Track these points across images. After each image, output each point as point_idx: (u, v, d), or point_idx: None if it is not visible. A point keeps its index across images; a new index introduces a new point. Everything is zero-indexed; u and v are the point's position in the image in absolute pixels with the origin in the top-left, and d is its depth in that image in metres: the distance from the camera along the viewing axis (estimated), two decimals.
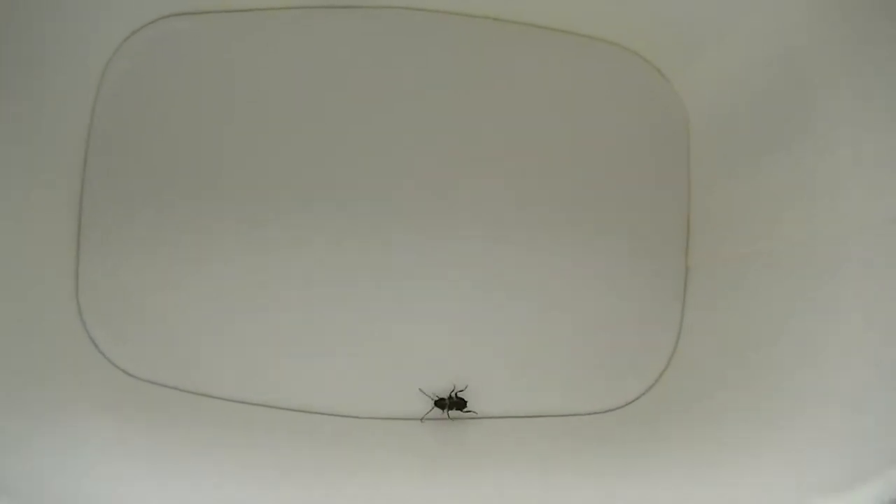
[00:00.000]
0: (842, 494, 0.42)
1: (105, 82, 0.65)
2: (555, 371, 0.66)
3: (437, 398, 0.64)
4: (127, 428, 0.57)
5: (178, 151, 0.65)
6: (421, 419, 0.64)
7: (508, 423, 0.65)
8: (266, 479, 0.55)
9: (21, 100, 0.58)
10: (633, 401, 0.66)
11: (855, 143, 0.54)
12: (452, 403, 0.63)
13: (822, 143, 0.56)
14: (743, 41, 0.62)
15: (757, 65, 0.61)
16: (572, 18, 0.67)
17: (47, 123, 0.61)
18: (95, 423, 0.56)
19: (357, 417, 0.64)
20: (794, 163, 0.58)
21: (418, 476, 0.58)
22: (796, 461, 0.48)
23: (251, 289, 0.65)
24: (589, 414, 0.65)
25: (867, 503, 0.42)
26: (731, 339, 0.61)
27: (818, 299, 0.54)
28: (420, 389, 0.64)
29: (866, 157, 0.53)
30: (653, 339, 0.66)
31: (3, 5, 0.54)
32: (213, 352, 0.64)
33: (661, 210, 0.68)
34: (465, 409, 0.64)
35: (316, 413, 0.64)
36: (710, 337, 0.64)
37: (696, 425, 0.58)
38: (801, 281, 0.56)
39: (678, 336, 0.66)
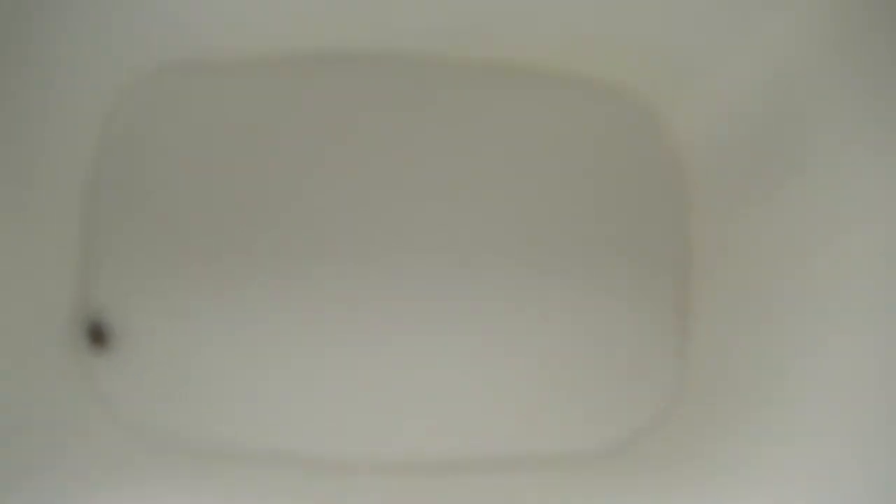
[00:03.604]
0: None
1: (104, 139, 0.65)
2: (550, 413, 0.65)
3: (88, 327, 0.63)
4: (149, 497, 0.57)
5: (183, 206, 0.65)
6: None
7: (505, 467, 0.65)
8: None
9: (17, 158, 0.58)
10: (629, 445, 0.65)
11: (856, 175, 0.54)
12: (94, 331, 0.63)
13: (823, 176, 0.56)
14: (737, 74, 0.62)
15: (752, 98, 0.61)
16: (564, 58, 0.67)
17: (44, 185, 0.61)
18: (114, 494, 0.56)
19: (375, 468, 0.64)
20: (795, 198, 0.58)
21: None
22: None
23: (271, 344, 0.65)
24: (584, 458, 0.65)
25: None
26: (734, 383, 0.61)
27: (820, 339, 0.54)
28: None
29: (869, 188, 0.53)
30: (652, 385, 0.66)
31: None
32: (237, 412, 0.64)
33: (660, 250, 0.67)
34: (98, 341, 0.63)
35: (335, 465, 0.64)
36: (713, 382, 0.63)
37: (696, 470, 0.58)
38: (804, 320, 0.56)
39: (680, 381, 0.66)
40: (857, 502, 0.48)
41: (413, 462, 0.64)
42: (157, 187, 0.65)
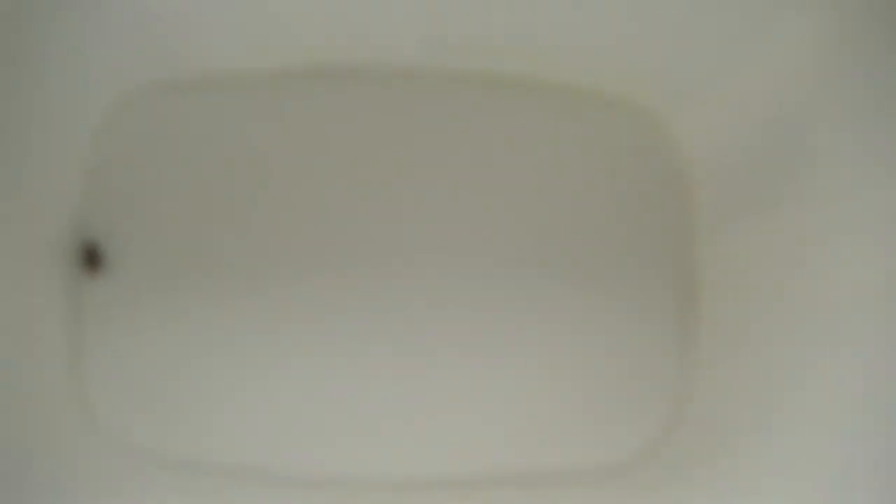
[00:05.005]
0: None
1: (94, 159, 0.65)
2: (552, 429, 0.64)
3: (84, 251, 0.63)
4: None
5: (175, 219, 0.65)
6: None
7: (506, 484, 0.64)
8: None
9: (9, 165, 0.59)
10: (634, 461, 0.65)
11: (861, 183, 0.54)
12: (89, 255, 0.63)
13: (828, 185, 0.56)
14: (741, 86, 0.62)
15: (757, 109, 0.61)
16: (567, 70, 0.67)
17: (34, 207, 0.61)
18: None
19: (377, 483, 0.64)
20: (800, 206, 0.58)
21: None
22: None
23: (263, 356, 0.64)
24: (587, 475, 0.64)
25: None
26: (740, 394, 0.60)
27: (827, 347, 0.54)
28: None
29: (874, 196, 0.53)
30: (653, 403, 0.65)
31: None
32: (224, 425, 0.64)
33: (665, 261, 0.67)
34: (92, 264, 0.63)
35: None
36: (715, 402, 0.63)
37: (702, 485, 0.58)
38: (809, 329, 0.56)
39: (681, 400, 0.66)
40: None
41: (410, 479, 0.64)
42: (149, 201, 0.66)
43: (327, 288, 0.65)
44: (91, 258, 0.63)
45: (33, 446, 0.57)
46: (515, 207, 0.67)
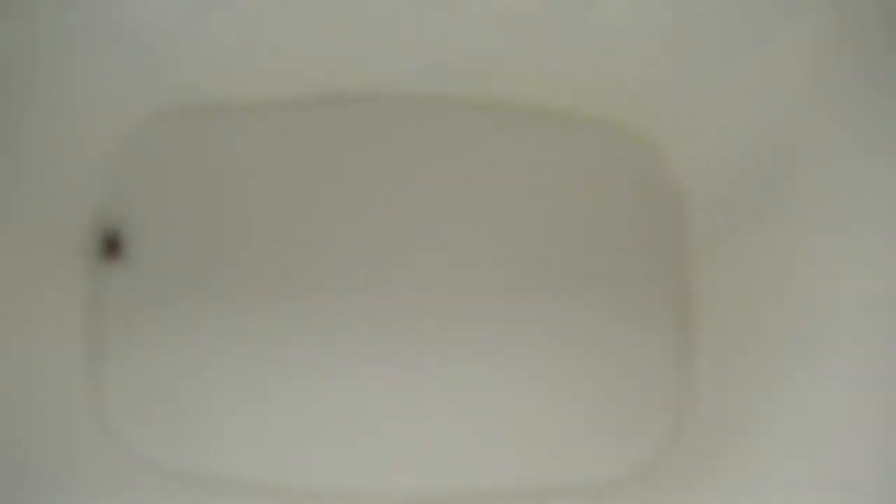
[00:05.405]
0: None
1: (110, 178, 0.66)
2: (551, 445, 0.64)
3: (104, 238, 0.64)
4: None
5: (182, 243, 0.66)
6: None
7: (507, 502, 0.64)
8: None
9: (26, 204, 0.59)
10: (632, 477, 0.65)
11: (861, 197, 0.54)
12: (109, 243, 0.64)
13: (824, 202, 0.56)
14: (736, 107, 0.62)
15: (752, 128, 0.61)
16: (562, 95, 0.67)
17: (50, 233, 0.62)
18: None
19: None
20: (796, 223, 0.58)
21: None
22: None
23: (274, 374, 0.65)
24: (585, 490, 0.64)
25: None
26: (737, 411, 0.60)
27: (821, 363, 0.54)
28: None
29: (873, 214, 0.53)
30: (654, 415, 0.65)
31: None
32: (230, 440, 0.64)
33: (661, 280, 0.67)
34: (112, 253, 0.64)
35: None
36: (716, 411, 0.63)
37: (702, 498, 0.57)
38: (806, 344, 0.56)
39: (682, 410, 0.66)
40: None
41: (414, 494, 0.64)
42: (159, 225, 0.66)
43: (335, 304, 0.66)
44: (111, 246, 0.64)
45: (41, 444, 0.57)
46: (516, 227, 0.67)
